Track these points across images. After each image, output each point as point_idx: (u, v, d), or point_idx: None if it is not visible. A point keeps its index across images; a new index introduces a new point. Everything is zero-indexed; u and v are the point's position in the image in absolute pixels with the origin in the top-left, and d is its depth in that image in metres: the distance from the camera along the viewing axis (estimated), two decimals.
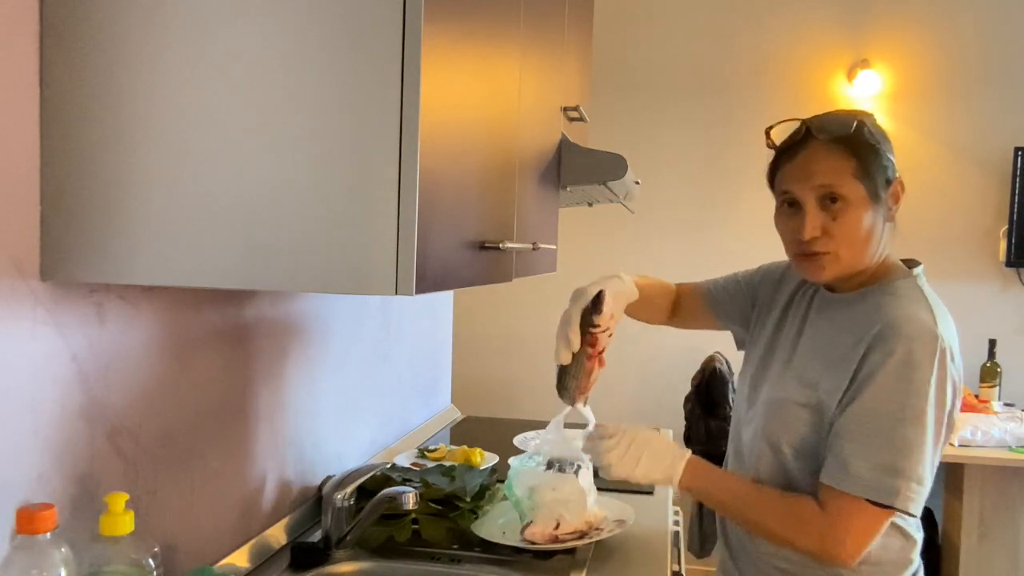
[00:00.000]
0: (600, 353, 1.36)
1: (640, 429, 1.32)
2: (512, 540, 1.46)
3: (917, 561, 1.32)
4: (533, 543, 1.43)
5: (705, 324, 1.63)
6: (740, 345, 1.57)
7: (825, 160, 1.22)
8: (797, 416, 1.27)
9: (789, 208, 1.27)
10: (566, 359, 1.36)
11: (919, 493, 1.17)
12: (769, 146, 1.32)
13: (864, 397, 1.18)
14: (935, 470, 1.21)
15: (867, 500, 1.16)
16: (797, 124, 1.28)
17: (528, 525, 1.45)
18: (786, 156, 1.27)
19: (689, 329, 1.68)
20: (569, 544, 1.45)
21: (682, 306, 1.62)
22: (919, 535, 1.31)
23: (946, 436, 1.22)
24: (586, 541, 1.46)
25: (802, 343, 1.34)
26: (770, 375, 1.36)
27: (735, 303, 1.55)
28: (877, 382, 1.17)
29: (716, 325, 1.62)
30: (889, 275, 1.28)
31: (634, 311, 1.55)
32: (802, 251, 1.26)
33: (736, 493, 1.31)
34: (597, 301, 1.34)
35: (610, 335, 1.37)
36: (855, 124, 1.23)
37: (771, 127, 1.31)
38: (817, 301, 1.36)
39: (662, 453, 1.31)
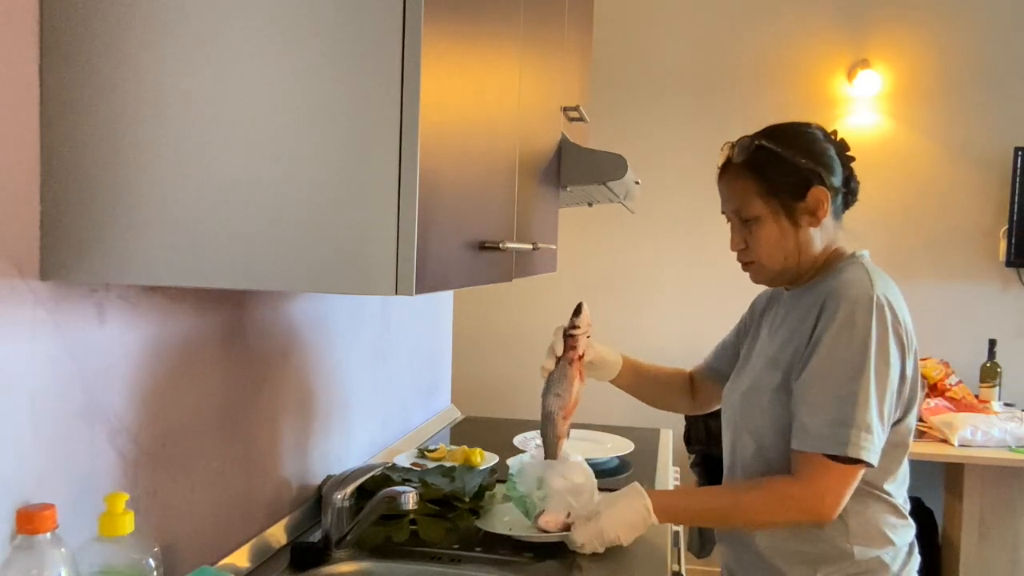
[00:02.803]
0: (580, 358, 1.51)
1: (601, 498, 1.42)
2: (520, 532, 1.48)
3: (915, 545, 1.39)
4: (546, 531, 1.43)
5: (720, 398, 1.70)
6: None
7: (735, 183, 1.39)
8: (771, 399, 1.35)
9: (728, 223, 1.44)
10: (550, 364, 1.52)
11: (870, 441, 1.25)
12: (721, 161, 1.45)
13: (813, 362, 1.28)
14: (890, 420, 1.30)
15: (825, 455, 1.26)
16: (726, 151, 1.43)
17: (540, 514, 1.44)
18: (719, 176, 1.44)
19: (713, 408, 1.74)
20: None
21: (699, 390, 1.72)
22: (910, 520, 1.39)
23: (909, 393, 1.32)
24: None
25: (768, 336, 1.46)
26: (744, 375, 1.47)
27: (730, 364, 1.61)
28: (824, 344, 1.27)
29: None
30: (836, 263, 1.39)
31: (652, 394, 1.73)
32: (738, 259, 1.44)
33: (713, 505, 1.40)
34: (578, 308, 1.53)
35: (588, 337, 1.53)
36: (756, 146, 1.37)
37: (726, 144, 1.45)
38: (783, 302, 1.47)
39: (624, 511, 1.37)
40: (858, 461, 1.25)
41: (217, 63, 0.87)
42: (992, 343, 3.25)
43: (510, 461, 1.55)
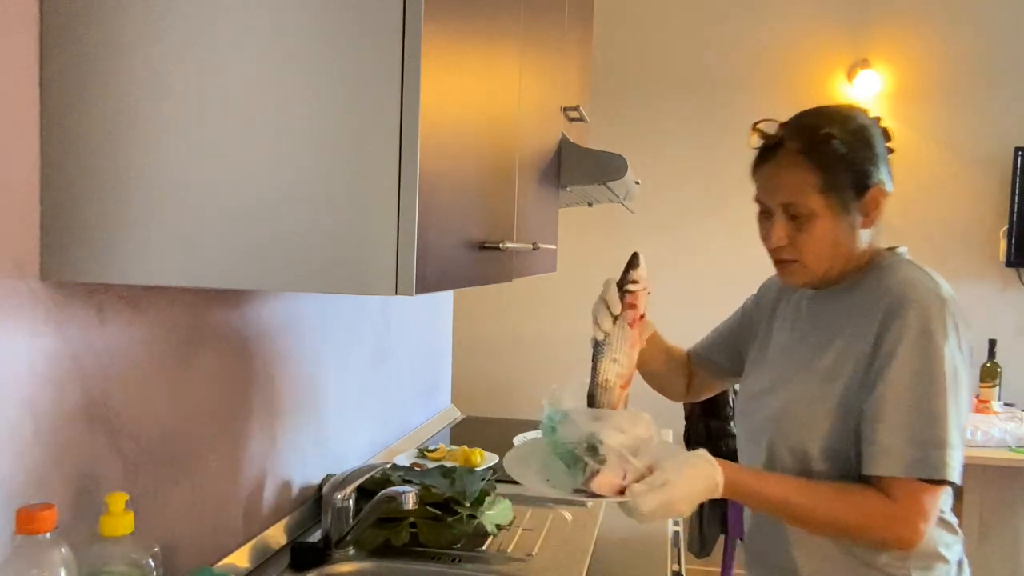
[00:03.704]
0: (641, 318, 1.29)
1: (667, 461, 1.16)
2: (563, 491, 1.20)
3: (964, 561, 1.30)
4: (598, 495, 1.16)
5: (711, 388, 1.61)
6: None
7: (790, 173, 1.22)
8: (819, 414, 1.23)
9: (763, 214, 1.29)
10: (607, 325, 1.27)
11: (957, 459, 1.16)
12: (754, 142, 1.31)
13: (889, 376, 1.16)
14: (964, 430, 1.20)
15: (919, 479, 1.14)
16: (774, 131, 1.27)
17: (593, 475, 1.15)
18: (760, 160, 1.28)
19: (702, 398, 1.66)
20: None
21: (693, 375, 1.59)
22: (960, 533, 1.30)
23: (969, 394, 1.22)
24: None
25: (804, 343, 1.31)
26: (776, 383, 1.32)
27: (729, 355, 1.53)
28: (899, 358, 1.16)
29: (723, 385, 1.61)
30: (877, 261, 1.29)
31: (658, 369, 1.54)
32: (773, 256, 1.30)
33: (788, 497, 1.20)
34: (634, 258, 1.30)
35: (648, 293, 1.30)
36: (822, 135, 1.21)
37: (758, 123, 1.29)
38: (806, 301, 1.35)
39: (693, 480, 1.15)
40: (945, 481, 1.15)
41: (217, 64, 0.87)
42: (992, 343, 3.25)
43: (545, 400, 1.26)
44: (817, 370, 1.25)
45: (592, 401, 1.26)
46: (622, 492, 1.16)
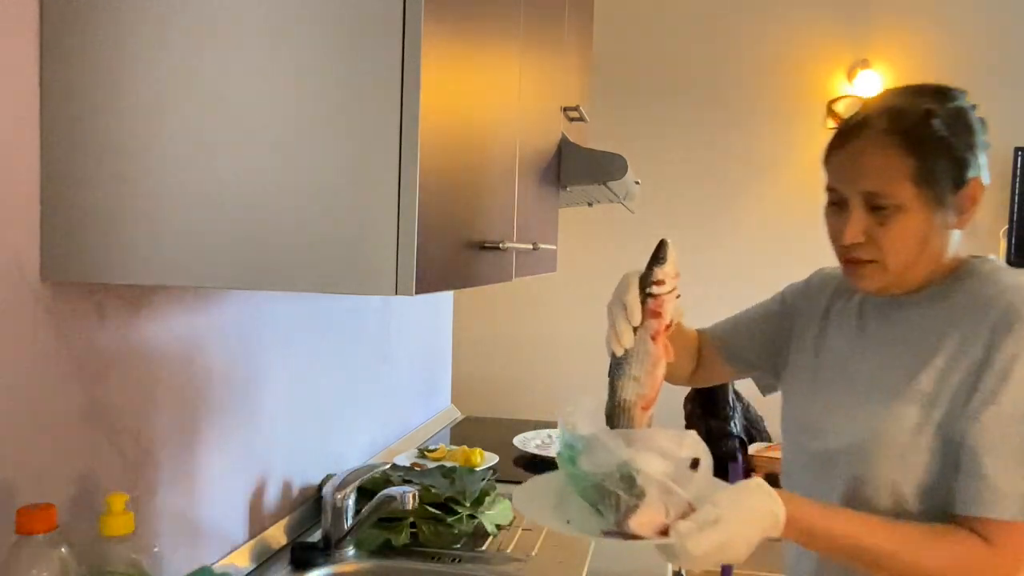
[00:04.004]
0: (668, 328, 1.02)
1: (719, 493, 0.93)
2: (590, 532, 0.97)
3: None
4: (639, 536, 0.93)
5: (722, 376, 1.39)
6: (768, 390, 1.36)
7: (877, 157, 1.03)
8: (919, 446, 1.04)
9: (835, 205, 1.09)
10: (627, 339, 1.01)
11: None
12: (832, 121, 1.17)
13: (1002, 400, 0.99)
14: None
15: None
16: (856, 109, 1.08)
17: (630, 511, 0.92)
18: (837, 143, 1.08)
19: (708, 385, 1.42)
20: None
21: (704, 360, 1.36)
22: None
23: None
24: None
25: (889, 360, 1.11)
26: (851, 405, 1.12)
27: (755, 345, 1.32)
28: (1013, 380, 0.99)
29: (735, 375, 1.39)
30: (964, 267, 1.10)
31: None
32: (844, 255, 1.09)
33: (862, 540, 0.99)
34: (660, 250, 1.02)
35: (678, 296, 1.04)
36: (922, 114, 1.03)
37: (835, 100, 1.15)
38: (872, 307, 1.16)
39: (751, 517, 0.94)
40: None
41: (217, 64, 0.87)
42: None
43: (562, 421, 1.00)
44: (914, 394, 1.05)
45: (609, 423, 1.03)
46: (665, 532, 0.92)
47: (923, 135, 1.02)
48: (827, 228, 1.11)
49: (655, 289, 1.01)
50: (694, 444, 0.94)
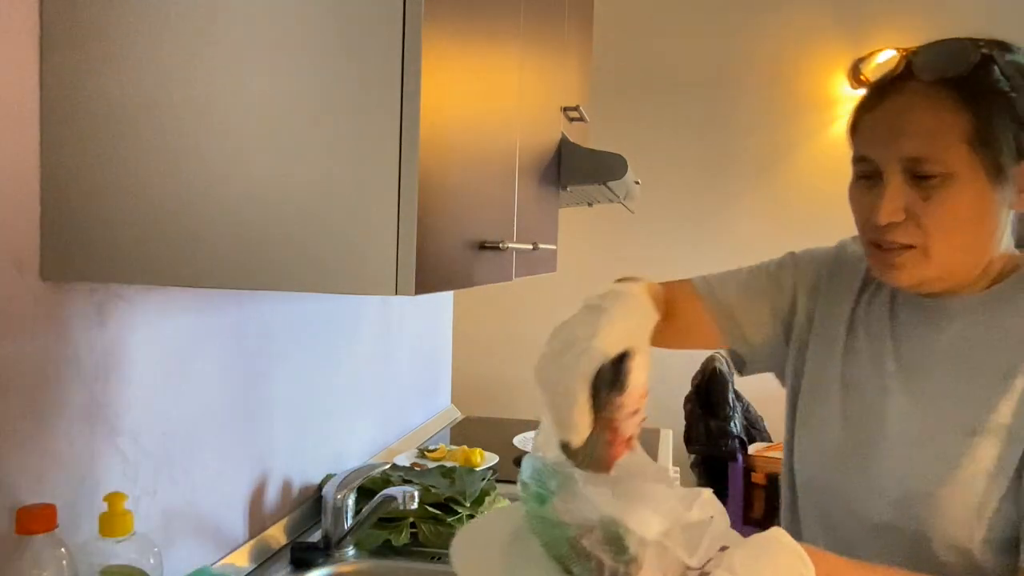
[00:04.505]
0: (629, 440, 0.77)
1: (735, 553, 0.67)
2: None
3: None
4: None
5: (703, 341, 1.10)
6: (745, 368, 1.10)
7: (925, 114, 0.82)
8: (995, 493, 0.83)
9: (865, 180, 0.88)
10: (577, 439, 0.74)
11: None
12: (854, 86, 0.90)
13: None
14: None
15: None
16: (893, 59, 0.87)
17: (629, 566, 0.68)
18: (870, 102, 0.88)
19: (681, 349, 1.12)
20: None
21: (678, 315, 1.04)
22: None
23: None
24: None
25: (937, 386, 0.89)
26: (896, 441, 0.89)
27: (754, 309, 1.06)
28: None
29: (719, 342, 1.09)
30: (1018, 264, 0.90)
31: None
32: (875, 239, 0.87)
33: None
34: (619, 373, 0.76)
35: (643, 420, 0.78)
36: (980, 61, 0.82)
37: (860, 60, 0.89)
38: (909, 308, 0.94)
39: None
40: None
41: (217, 64, 0.87)
42: None
43: (527, 469, 0.77)
44: (991, 429, 0.84)
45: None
46: None
47: (982, 87, 0.82)
48: (854, 209, 0.90)
49: (613, 413, 0.75)
50: (708, 504, 0.70)
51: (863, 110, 0.89)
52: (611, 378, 0.75)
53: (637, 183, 2.13)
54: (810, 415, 0.99)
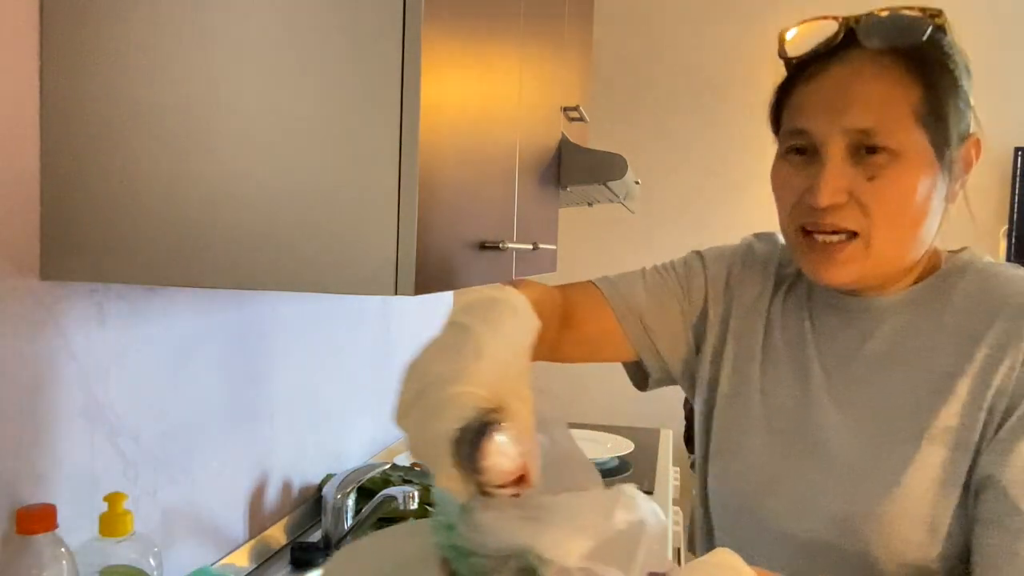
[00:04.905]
0: (520, 480, 0.58)
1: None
2: None
3: None
4: None
5: (613, 351, 0.98)
6: (648, 382, 1.01)
7: (874, 83, 0.75)
8: (949, 504, 0.76)
9: (797, 155, 0.79)
10: (463, 494, 0.58)
11: None
12: (782, 55, 0.82)
13: None
14: None
15: None
16: (831, 26, 0.78)
17: None
18: (806, 71, 0.79)
19: (588, 362, 1.00)
20: None
21: (581, 323, 0.95)
22: None
23: None
24: None
25: (868, 390, 0.82)
26: (834, 453, 0.81)
27: (664, 314, 0.95)
28: None
29: (628, 354, 0.98)
30: (950, 260, 0.87)
31: None
32: (809, 224, 0.78)
33: None
34: (478, 436, 0.56)
35: (524, 481, 0.58)
36: (929, 29, 0.75)
37: (788, 29, 0.81)
38: (826, 309, 0.87)
39: None
40: None
41: (217, 64, 0.87)
42: None
43: (435, 493, 0.62)
44: (935, 435, 0.77)
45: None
46: None
47: (933, 61, 0.76)
48: (780, 194, 0.81)
49: (479, 476, 0.57)
50: (632, 505, 0.55)
51: (798, 80, 0.80)
52: (470, 444, 0.57)
53: (637, 183, 2.13)
54: (729, 429, 0.90)
